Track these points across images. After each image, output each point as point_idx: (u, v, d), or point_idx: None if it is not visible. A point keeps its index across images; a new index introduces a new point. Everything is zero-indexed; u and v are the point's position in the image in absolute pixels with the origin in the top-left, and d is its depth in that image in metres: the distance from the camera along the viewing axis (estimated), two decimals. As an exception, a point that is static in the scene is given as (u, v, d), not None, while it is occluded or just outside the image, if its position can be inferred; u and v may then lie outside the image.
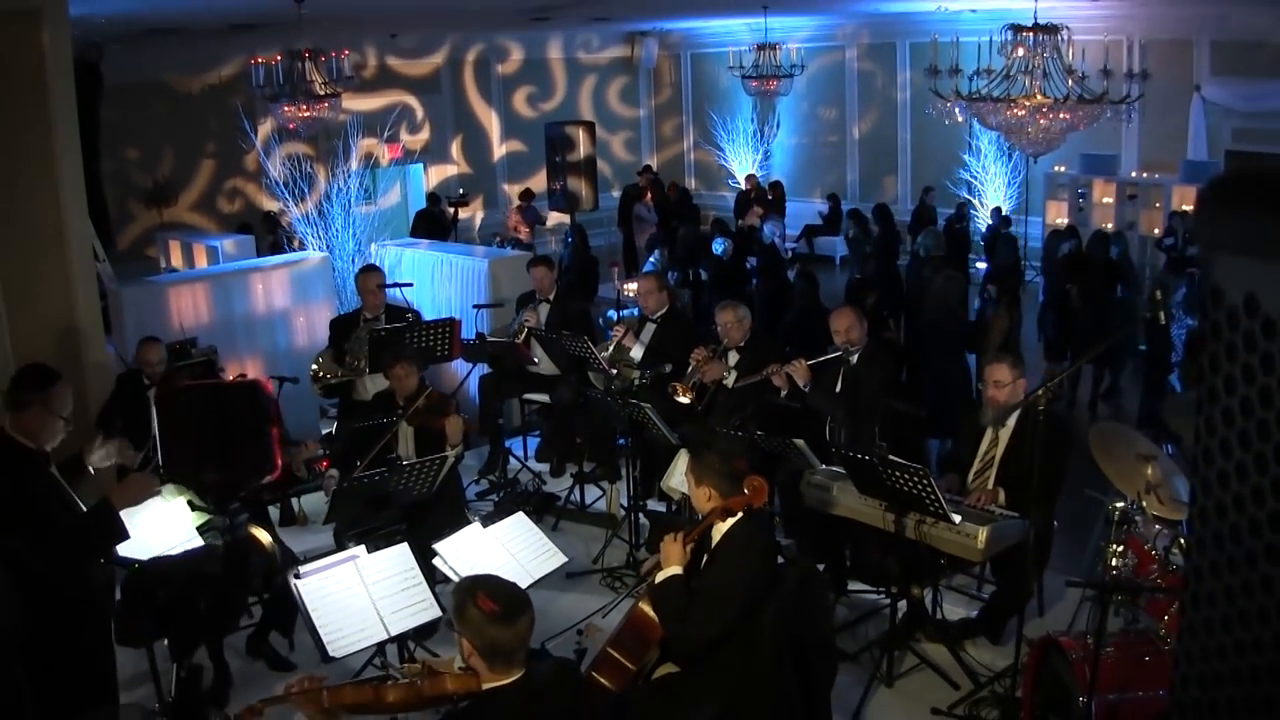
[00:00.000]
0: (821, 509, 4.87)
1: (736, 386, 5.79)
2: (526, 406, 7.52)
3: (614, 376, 6.24)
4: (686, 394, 5.74)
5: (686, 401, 5.76)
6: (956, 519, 4.26)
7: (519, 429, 7.61)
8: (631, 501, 5.97)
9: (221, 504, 3.79)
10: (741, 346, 5.91)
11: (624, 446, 6.20)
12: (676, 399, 5.76)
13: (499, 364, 7.09)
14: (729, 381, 5.87)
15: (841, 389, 5.50)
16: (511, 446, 7.25)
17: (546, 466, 7.19)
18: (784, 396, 5.56)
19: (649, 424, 5.48)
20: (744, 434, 5.15)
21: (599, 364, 6.28)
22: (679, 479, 5.05)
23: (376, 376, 6.15)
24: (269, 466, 3.82)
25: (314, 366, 6.53)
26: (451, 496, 5.32)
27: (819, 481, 4.90)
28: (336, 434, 6.18)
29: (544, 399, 7.06)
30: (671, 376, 6.03)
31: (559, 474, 7.10)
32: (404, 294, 7.48)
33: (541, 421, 7.51)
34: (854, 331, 5.47)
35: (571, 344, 6.35)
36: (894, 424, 5.13)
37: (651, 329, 6.61)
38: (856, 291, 8.38)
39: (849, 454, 4.51)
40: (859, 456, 4.40)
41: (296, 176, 9.48)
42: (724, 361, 5.89)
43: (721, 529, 3.57)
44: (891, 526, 4.42)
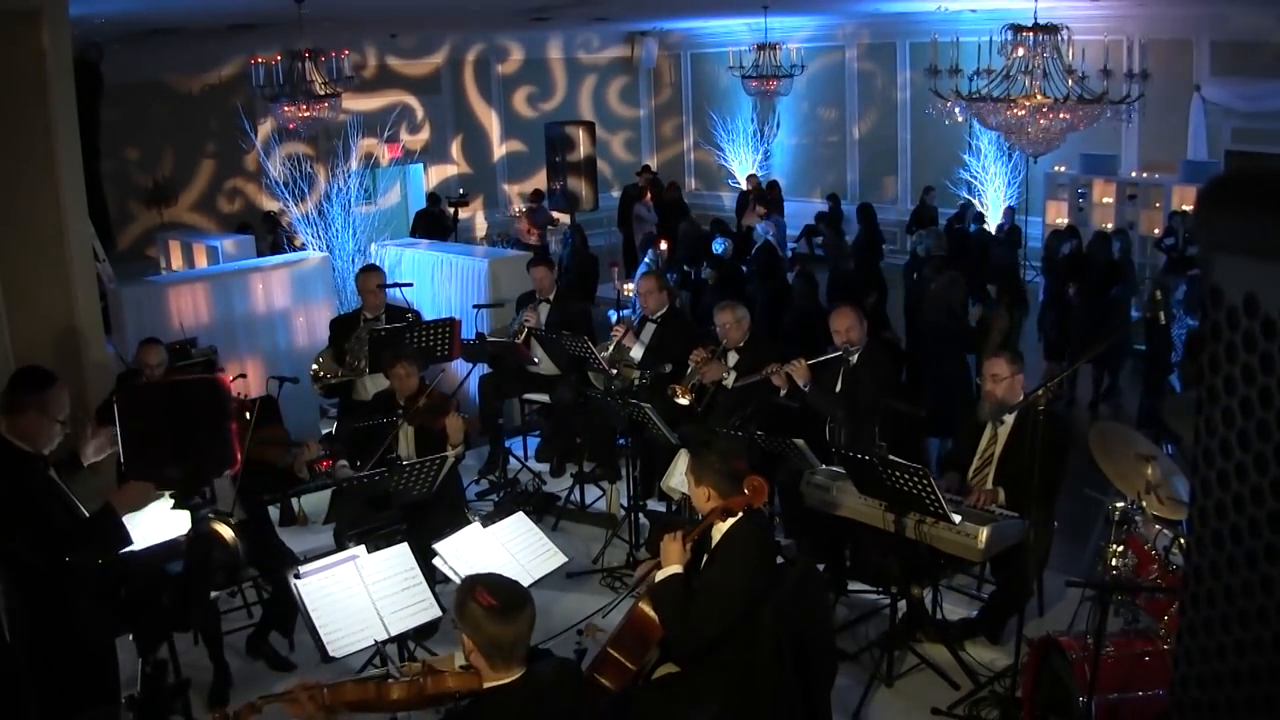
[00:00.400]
0: (821, 509, 4.87)
1: (736, 387, 5.80)
2: (526, 406, 7.51)
3: (614, 376, 6.24)
4: (685, 395, 5.75)
5: (686, 403, 5.76)
6: (956, 519, 4.26)
7: (519, 429, 7.60)
8: (631, 501, 5.98)
9: (184, 499, 3.81)
10: (741, 347, 5.91)
11: (624, 446, 6.21)
12: (676, 400, 5.76)
13: (499, 364, 7.09)
14: (728, 382, 5.87)
15: (841, 389, 5.50)
16: (511, 446, 7.25)
17: (546, 466, 7.20)
18: (784, 396, 5.56)
19: (649, 424, 5.48)
20: (744, 434, 5.16)
21: (599, 364, 6.28)
22: (679, 479, 5.06)
23: (376, 376, 6.15)
24: (229, 461, 3.86)
25: (314, 366, 6.54)
26: (451, 496, 5.32)
27: (819, 481, 4.91)
28: (336, 434, 6.18)
29: (544, 399, 7.07)
30: (671, 377, 6.03)
31: (559, 474, 7.10)
32: (404, 294, 7.48)
33: (541, 421, 7.51)
34: (854, 332, 5.47)
35: (571, 344, 6.35)
36: (894, 424, 5.13)
37: (651, 329, 6.61)
38: (842, 292, 8.37)
39: (849, 454, 4.51)
40: (859, 456, 4.40)
41: (296, 176, 9.48)
42: (723, 362, 5.89)
43: (721, 529, 3.57)
44: (891, 526, 4.42)
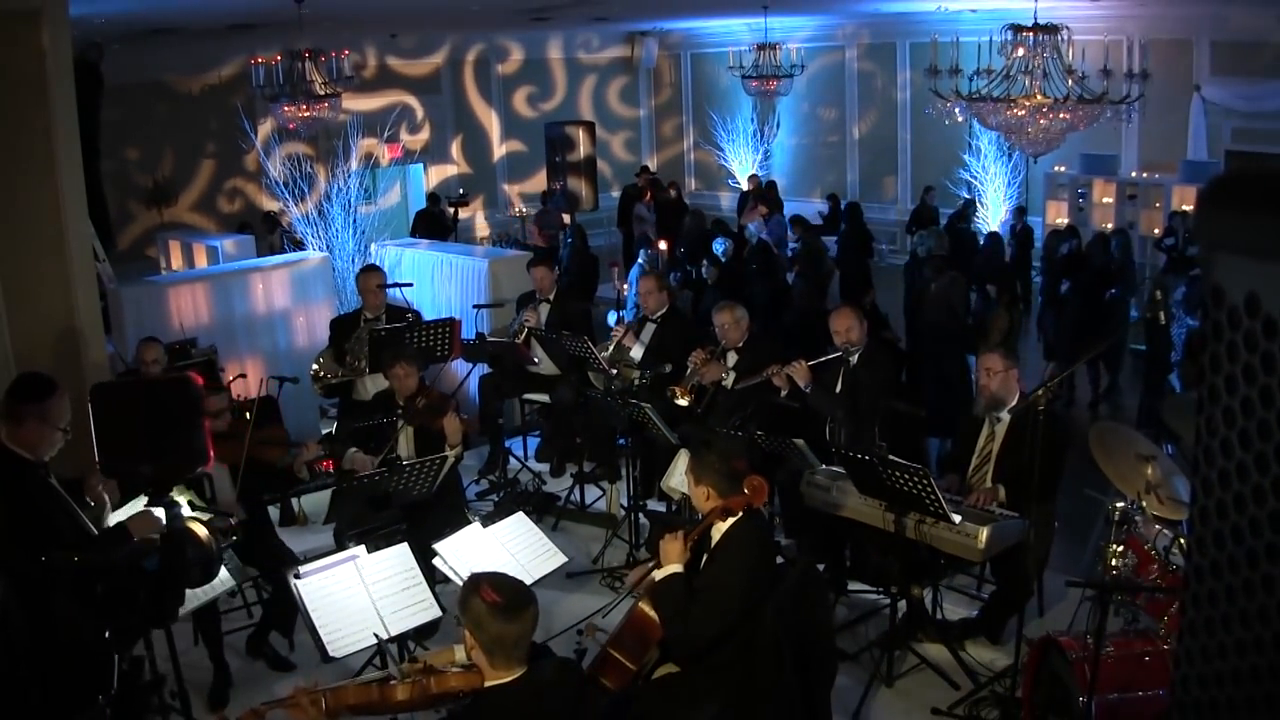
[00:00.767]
0: (822, 509, 4.87)
1: (735, 388, 5.80)
2: (526, 406, 7.51)
3: (614, 376, 6.24)
4: (685, 396, 5.75)
5: (685, 404, 5.76)
6: (956, 519, 4.26)
7: (519, 429, 7.60)
8: (631, 501, 5.98)
9: (158, 495, 3.82)
10: (740, 347, 5.91)
11: (624, 446, 6.20)
12: (675, 401, 5.76)
13: (499, 364, 7.09)
14: (728, 383, 5.87)
15: (842, 389, 5.50)
16: (511, 446, 7.24)
17: (546, 466, 7.20)
18: (784, 396, 5.56)
19: (649, 424, 5.48)
20: (744, 434, 5.16)
21: (599, 364, 6.28)
22: (679, 479, 5.06)
23: (376, 376, 6.15)
24: (202, 458, 3.87)
25: (314, 366, 6.53)
26: (451, 496, 5.32)
27: (819, 481, 4.91)
28: (336, 434, 6.18)
29: (544, 399, 7.06)
30: (671, 377, 6.03)
31: (559, 474, 7.10)
32: (404, 294, 7.48)
33: (541, 421, 7.51)
34: (854, 332, 5.47)
35: (571, 344, 6.35)
36: (894, 424, 5.13)
37: (651, 329, 6.61)
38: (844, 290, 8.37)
39: (849, 454, 4.51)
40: (859, 456, 4.40)
41: (296, 176, 9.47)
42: (722, 363, 5.89)
43: (721, 529, 3.57)
44: (891, 526, 4.42)
